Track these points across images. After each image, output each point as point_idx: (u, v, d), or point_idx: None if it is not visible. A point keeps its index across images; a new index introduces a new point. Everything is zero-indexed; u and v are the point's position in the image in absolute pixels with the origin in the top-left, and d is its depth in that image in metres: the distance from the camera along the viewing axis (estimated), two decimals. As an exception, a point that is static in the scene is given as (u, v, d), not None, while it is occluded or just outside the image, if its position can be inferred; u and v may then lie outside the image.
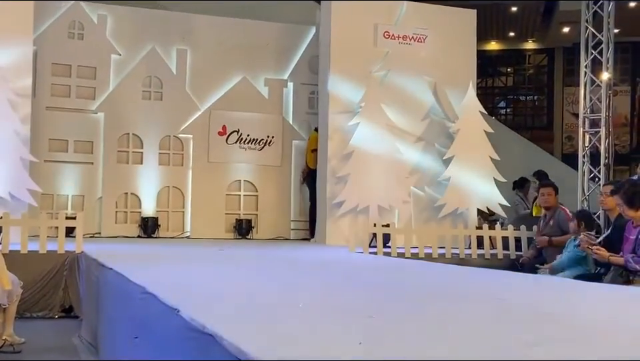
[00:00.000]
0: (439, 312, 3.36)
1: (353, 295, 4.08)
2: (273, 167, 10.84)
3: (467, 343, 2.49)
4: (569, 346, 2.46)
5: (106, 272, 5.22)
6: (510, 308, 3.58)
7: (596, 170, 9.89)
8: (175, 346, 2.99)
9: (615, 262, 5.80)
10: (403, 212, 9.74)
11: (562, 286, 5.03)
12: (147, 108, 10.33)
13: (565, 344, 2.51)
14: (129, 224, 10.15)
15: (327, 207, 9.55)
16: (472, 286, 4.78)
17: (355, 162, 9.42)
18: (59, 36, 9.96)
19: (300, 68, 11.04)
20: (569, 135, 20.74)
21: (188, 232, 10.39)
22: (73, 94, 10.06)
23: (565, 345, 2.49)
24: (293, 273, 5.62)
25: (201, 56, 10.60)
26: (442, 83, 10.13)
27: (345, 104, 9.71)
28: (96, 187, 10.09)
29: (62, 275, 7.11)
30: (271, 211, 10.80)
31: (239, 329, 2.61)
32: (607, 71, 9.87)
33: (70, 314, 7.07)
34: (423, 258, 8.10)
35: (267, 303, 3.54)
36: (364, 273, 5.82)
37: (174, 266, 5.92)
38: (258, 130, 10.75)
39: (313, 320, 3.00)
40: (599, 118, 9.91)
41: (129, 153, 10.25)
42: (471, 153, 9.68)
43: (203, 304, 3.29)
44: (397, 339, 2.56)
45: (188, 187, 10.48)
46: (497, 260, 8.52)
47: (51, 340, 6.24)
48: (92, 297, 5.94)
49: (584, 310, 3.66)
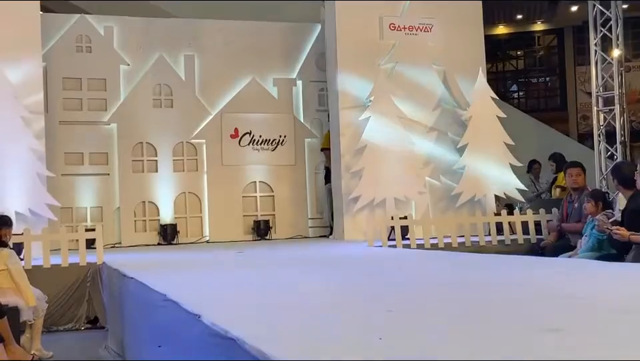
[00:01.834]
0: (459, 303, 3.35)
1: (373, 289, 4.08)
2: (287, 166, 10.85)
3: (486, 332, 2.48)
4: (589, 331, 2.45)
5: (127, 282, 5.26)
6: (531, 294, 3.57)
7: (612, 149, 9.81)
8: (198, 351, 3.01)
9: (636, 240, 5.75)
10: (419, 203, 9.72)
11: (584, 267, 5.00)
12: (158, 116, 10.37)
13: (584, 329, 2.50)
14: (148, 232, 10.21)
15: (344, 203, 9.55)
16: (492, 274, 4.76)
17: (368, 157, 9.41)
18: (67, 51, 10.03)
19: (308, 66, 11.03)
20: (583, 115, 20.55)
21: (207, 237, 10.43)
22: (85, 107, 10.12)
23: (584, 330, 2.48)
24: (312, 272, 5.63)
25: (208, 60, 10.63)
26: (451, 71, 10.08)
27: (355, 99, 9.70)
28: (113, 198, 10.15)
29: (85, 287, 7.18)
30: (288, 210, 10.82)
31: (260, 332, 2.62)
32: (618, 48, 9.79)
33: (96, 325, 7.13)
34: (443, 248, 8.08)
35: (288, 304, 3.55)
36: (383, 267, 5.82)
37: (194, 271, 5.95)
38: (270, 130, 10.76)
39: (337, 318, 3.01)
40: (612, 95, 9.83)
41: (143, 162, 10.30)
42: (485, 140, 9.63)
43: (223, 309, 3.31)
44: (417, 332, 2.56)
45: (204, 192, 10.52)
46: (518, 245, 8.49)
47: (79, 351, 6.30)
48: (116, 307, 5.98)
49: (606, 291, 3.63)
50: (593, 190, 7.81)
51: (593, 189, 8.02)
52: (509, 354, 2.11)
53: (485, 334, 2.47)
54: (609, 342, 2.23)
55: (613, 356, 2.02)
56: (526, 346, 2.21)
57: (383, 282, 4.57)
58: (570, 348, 2.13)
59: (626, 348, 2.13)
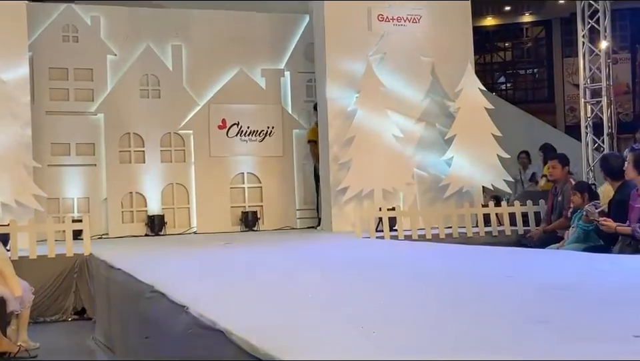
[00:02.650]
0: (448, 294, 3.36)
1: (362, 281, 4.08)
2: (275, 157, 10.83)
3: (475, 323, 2.49)
4: (577, 321, 2.46)
5: (114, 273, 5.24)
6: (519, 285, 3.58)
7: (599, 140, 9.85)
8: (186, 343, 3.00)
9: (623, 232, 5.78)
10: (407, 194, 9.73)
11: (571, 259, 5.02)
12: (145, 107, 10.31)
13: (573, 319, 2.51)
14: (135, 223, 10.16)
15: (331, 194, 9.55)
16: (480, 265, 4.78)
17: (356, 147, 9.40)
18: (53, 41, 9.93)
19: (296, 57, 10.99)
20: (571, 106, 20.61)
21: (195, 228, 10.40)
22: (72, 97, 10.05)
23: (573, 320, 2.49)
24: (300, 263, 5.63)
25: (195, 51, 10.56)
26: (440, 62, 10.07)
27: (343, 89, 9.68)
28: (100, 188, 10.09)
29: (72, 278, 7.14)
30: (276, 201, 10.80)
31: (248, 324, 2.62)
32: (605, 40, 9.81)
33: (83, 316, 7.11)
34: (430, 239, 8.10)
35: (275, 296, 3.54)
36: (372, 258, 5.82)
37: (181, 263, 5.93)
38: (258, 121, 10.72)
39: (323, 310, 3.00)
40: (599, 87, 9.86)
41: (130, 152, 10.24)
42: (473, 131, 9.64)
43: (210, 300, 3.29)
44: (408, 325, 2.56)
45: (192, 183, 10.48)
46: (505, 236, 8.52)
47: (66, 343, 6.28)
48: (103, 298, 5.96)
49: (593, 282, 3.65)
50: (577, 182, 7.85)
51: (578, 181, 8.06)
52: (498, 345, 2.11)
53: (474, 325, 2.47)
54: (596, 334, 2.24)
55: (601, 348, 2.03)
56: (515, 337, 2.22)
57: (372, 273, 4.57)
58: (559, 339, 2.13)
59: (614, 340, 2.14)
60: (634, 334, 2.12)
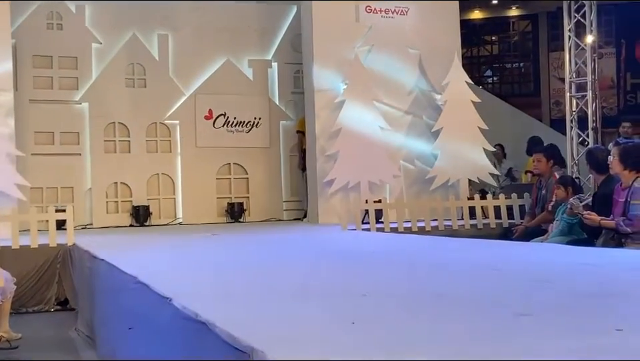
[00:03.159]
0: (432, 287, 3.36)
1: (346, 273, 4.07)
2: (262, 149, 10.79)
3: (461, 317, 2.48)
4: (561, 314, 2.46)
5: (98, 263, 5.20)
6: (504, 278, 3.59)
7: (584, 134, 9.89)
8: (169, 335, 2.98)
9: (607, 226, 5.81)
10: (393, 186, 9.74)
11: (555, 251, 5.04)
12: (131, 96, 10.24)
13: (556, 312, 2.51)
14: (120, 213, 10.11)
15: (318, 186, 9.53)
16: (466, 258, 4.78)
17: (343, 140, 9.39)
18: (37, 28, 9.82)
19: (283, 48, 10.95)
20: (556, 100, 20.69)
21: (180, 219, 10.36)
22: (56, 86, 9.95)
23: (556, 313, 2.49)
24: (285, 255, 5.61)
25: (182, 40, 10.49)
26: (427, 55, 10.07)
27: (330, 81, 9.66)
28: (85, 178, 10.02)
29: (55, 268, 7.09)
30: (262, 193, 10.77)
31: (231, 315, 2.60)
32: (591, 34, 9.84)
33: (66, 306, 7.06)
34: (416, 231, 8.11)
35: (258, 287, 3.53)
36: (357, 250, 5.82)
37: (166, 254, 5.90)
38: (244, 112, 10.68)
39: (307, 301, 2.99)
40: (585, 82, 9.90)
41: (115, 142, 10.17)
42: (459, 124, 9.65)
43: (195, 292, 3.27)
44: (390, 317, 2.55)
45: (177, 173, 10.43)
46: (490, 229, 8.55)
47: (48, 333, 6.22)
48: (86, 289, 5.92)
49: (576, 276, 3.66)
50: (561, 176, 7.87)
51: (561, 175, 8.08)
52: (481, 338, 2.11)
53: (459, 317, 2.47)
54: (580, 327, 2.24)
55: (585, 341, 2.03)
56: (499, 330, 2.22)
57: (357, 265, 4.57)
58: (542, 333, 2.13)
59: (597, 333, 2.15)
60: (617, 328, 2.12)
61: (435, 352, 1.97)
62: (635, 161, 5.73)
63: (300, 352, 2.01)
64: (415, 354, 1.95)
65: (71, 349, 5.53)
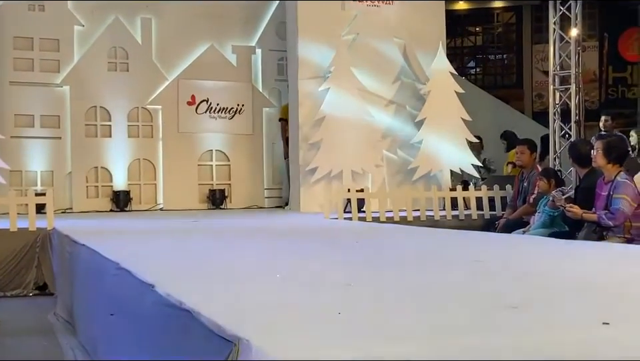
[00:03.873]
0: (418, 277, 3.35)
1: (330, 263, 4.06)
2: (245, 136, 10.75)
3: (448, 308, 2.48)
4: (548, 307, 2.46)
5: (79, 249, 5.14)
6: (489, 270, 3.59)
7: (567, 127, 9.95)
8: (152, 322, 2.94)
9: (589, 219, 5.85)
10: (376, 176, 9.74)
11: (538, 244, 5.06)
12: (113, 80, 10.14)
13: (540, 305, 2.51)
14: (100, 198, 10.03)
15: (300, 174, 9.51)
16: (449, 249, 4.79)
17: (326, 128, 9.37)
18: (19, 9, 9.70)
19: (268, 34, 10.89)
20: (538, 93, 20.78)
21: (161, 204, 10.31)
22: (37, 68, 9.84)
23: (540, 306, 2.50)
24: (268, 242, 5.59)
25: (166, 24, 10.40)
26: (412, 45, 10.06)
27: (315, 69, 9.62)
28: (65, 162, 9.93)
29: (34, 252, 7.00)
30: (244, 180, 10.74)
31: (216, 303, 2.58)
32: (576, 27, 9.87)
33: (44, 291, 6.98)
34: (398, 221, 8.12)
35: (243, 274, 3.51)
36: (339, 240, 5.81)
37: (148, 240, 5.85)
38: (227, 98, 10.62)
39: (292, 290, 2.97)
40: (568, 74, 9.94)
41: (97, 126, 10.08)
42: (443, 115, 9.67)
43: (178, 279, 3.24)
44: (376, 307, 2.54)
45: (159, 159, 10.36)
46: (472, 220, 8.58)
47: (26, 318, 6.16)
48: (66, 274, 5.86)
49: (562, 268, 3.67)
50: (543, 168, 7.89)
51: (544, 168, 8.11)
52: (469, 330, 2.10)
53: (444, 308, 2.46)
54: (566, 320, 2.24)
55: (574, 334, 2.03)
56: (486, 322, 2.21)
57: (341, 254, 4.55)
58: (530, 326, 2.13)
59: (584, 327, 2.15)
60: (603, 321, 2.12)
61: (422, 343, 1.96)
62: (619, 155, 5.77)
63: (286, 341, 1.99)
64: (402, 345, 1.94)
65: (50, 334, 5.46)
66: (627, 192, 5.62)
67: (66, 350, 4.76)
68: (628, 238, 5.63)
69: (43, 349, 4.95)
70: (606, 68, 19.80)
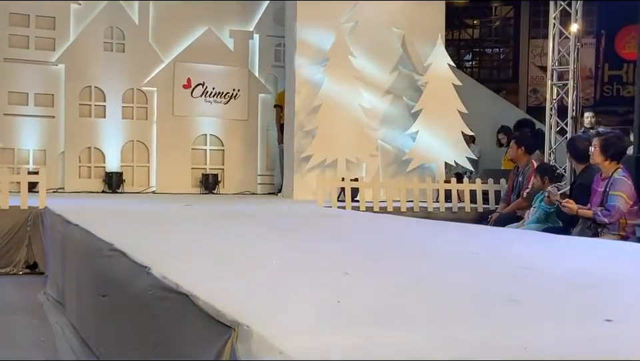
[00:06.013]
0: (416, 267, 3.33)
1: (326, 251, 4.03)
2: (239, 121, 10.69)
3: (446, 299, 2.46)
4: (547, 303, 2.45)
5: (71, 228, 5.09)
6: (484, 262, 3.57)
7: (563, 123, 9.93)
8: (147, 304, 2.91)
9: (584, 215, 5.84)
10: (370, 165, 9.71)
11: (532, 238, 5.05)
12: (109, 60, 10.06)
13: (542, 300, 2.50)
14: (92, 179, 9.97)
15: (295, 161, 9.47)
16: (444, 240, 4.77)
17: (322, 116, 9.32)
18: (15, -15, 9.58)
19: (266, 19, 10.82)
20: (533, 88, 20.78)
21: (153, 187, 10.25)
22: (32, 45, 9.74)
23: (542, 301, 2.48)
24: (263, 229, 5.56)
25: (163, 6, 10.31)
26: (410, 35, 10.00)
27: (312, 56, 9.56)
28: (58, 141, 9.86)
29: (25, 231, 6.96)
30: (238, 165, 10.69)
31: (212, 287, 2.54)
32: (576, 22, 9.84)
33: (35, 270, 6.95)
34: (391, 211, 8.11)
35: (238, 260, 3.48)
36: (335, 229, 5.78)
37: (142, 222, 5.81)
38: (223, 83, 10.55)
39: (289, 277, 2.95)
40: (566, 70, 9.91)
41: (91, 106, 10.01)
42: (439, 106, 9.63)
43: (173, 261, 3.21)
44: (375, 296, 2.52)
45: (153, 141, 10.30)
46: (465, 213, 8.57)
47: (16, 296, 6.13)
48: (57, 253, 5.81)
49: (559, 263, 3.66)
50: (538, 165, 7.88)
51: (539, 164, 8.09)
52: (471, 323, 2.08)
53: (442, 300, 2.45)
54: (570, 316, 2.22)
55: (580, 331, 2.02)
56: (488, 315, 2.19)
57: (337, 243, 4.53)
58: (534, 320, 2.12)
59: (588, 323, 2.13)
60: (605, 318, 2.11)
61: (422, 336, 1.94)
62: (616, 152, 5.76)
63: (286, 328, 1.97)
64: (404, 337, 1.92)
65: (39, 312, 5.43)
66: (623, 189, 5.62)
67: (55, 329, 4.73)
68: (623, 235, 5.63)
69: (33, 327, 4.92)
70: (602, 65, 19.80)
